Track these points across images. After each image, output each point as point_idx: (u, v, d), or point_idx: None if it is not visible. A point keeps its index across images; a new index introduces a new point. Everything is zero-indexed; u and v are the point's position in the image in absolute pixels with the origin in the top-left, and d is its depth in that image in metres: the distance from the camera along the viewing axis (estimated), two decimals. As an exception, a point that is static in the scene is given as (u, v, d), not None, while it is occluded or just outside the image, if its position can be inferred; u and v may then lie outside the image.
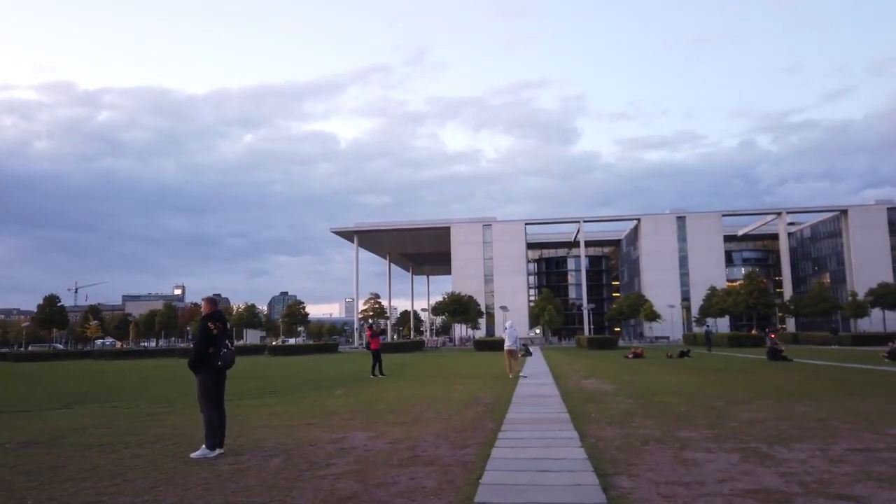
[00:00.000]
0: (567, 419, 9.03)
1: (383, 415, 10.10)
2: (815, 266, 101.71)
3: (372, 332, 20.66)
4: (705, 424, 8.23)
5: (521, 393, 13.46)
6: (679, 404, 10.61)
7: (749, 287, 71.66)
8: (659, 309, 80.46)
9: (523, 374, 19.05)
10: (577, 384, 15.56)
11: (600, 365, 25.00)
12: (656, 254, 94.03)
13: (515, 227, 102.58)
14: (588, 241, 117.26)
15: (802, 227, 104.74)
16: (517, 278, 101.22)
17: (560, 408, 10.50)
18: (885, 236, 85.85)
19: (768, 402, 10.71)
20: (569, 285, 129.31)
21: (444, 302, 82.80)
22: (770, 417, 8.75)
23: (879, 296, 72.01)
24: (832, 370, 18.89)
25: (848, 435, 7.13)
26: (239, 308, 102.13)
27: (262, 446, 7.34)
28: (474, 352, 49.18)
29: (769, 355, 25.55)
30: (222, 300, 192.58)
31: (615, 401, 11.41)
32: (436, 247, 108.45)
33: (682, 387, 14.12)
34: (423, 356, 41.85)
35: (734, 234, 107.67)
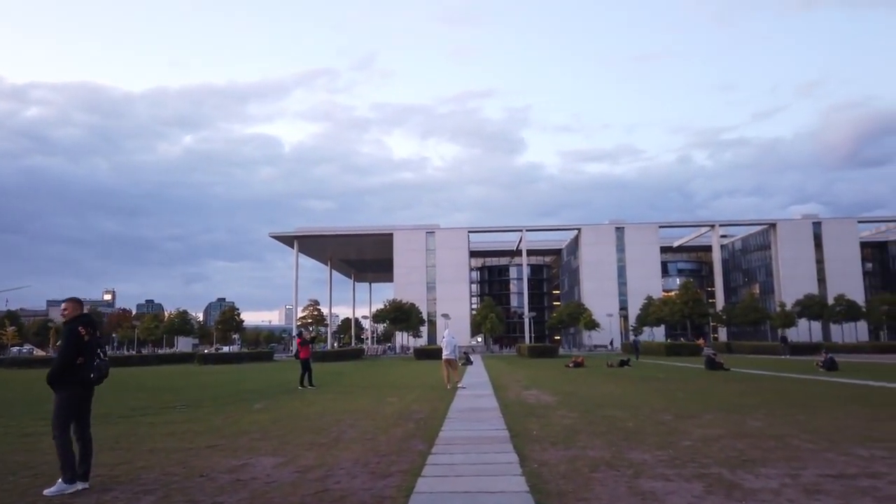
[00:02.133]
0: (506, 438, 8.08)
1: (300, 434, 8.91)
2: (745, 277, 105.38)
3: (301, 339, 19.25)
4: (657, 444, 7.43)
5: (457, 406, 12.48)
6: (626, 419, 9.84)
7: (684, 297, 73.29)
8: (597, 318, 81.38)
9: (462, 384, 18.10)
10: (517, 395, 14.71)
11: (541, 374, 24.35)
12: (596, 263, 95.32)
13: (458, 235, 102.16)
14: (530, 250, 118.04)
15: (734, 240, 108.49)
16: (460, 286, 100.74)
17: (499, 424, 9.56)
18: (810, 249, 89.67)
19: (717, 415, 10.08)
20: (511, 294, 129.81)
21: (385, 309, 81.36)
22: (724, 434, 8.05)
23: (806, 306, 74.93)
24: (771, 380, 18.74)
25: (814, 456, 6.43)
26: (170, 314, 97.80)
27: (140, 478, 6.06)
28: (415, 360, 48.05)
29: (707, 364, 25.52)
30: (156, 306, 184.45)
31: (558, 415, 10.56)
32: (379, 253, 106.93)
33: (626, 398, 13.46)
34: (361, 365, 40.44)
35: (670, 246, 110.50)
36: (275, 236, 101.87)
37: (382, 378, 23.81)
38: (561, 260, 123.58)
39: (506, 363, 38.04)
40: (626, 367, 28.17)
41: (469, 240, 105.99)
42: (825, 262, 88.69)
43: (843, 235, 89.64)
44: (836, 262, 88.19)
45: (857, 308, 74.05)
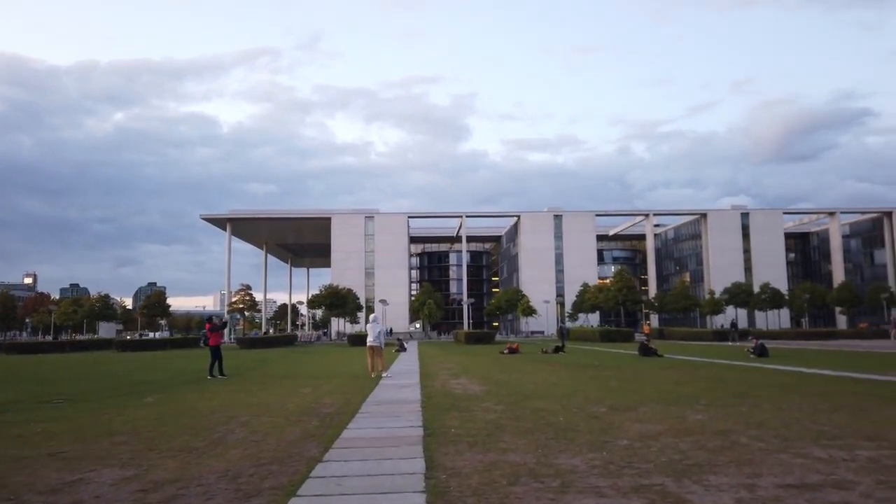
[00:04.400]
0: (418, 438, 6.94)
1: (176, 436, 7.50)
2: (677, 265, 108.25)
3: (211, 325, 17.55)
4: (590, 443, 6.44)
5: (375, 397, 11.29)
6: (556, 412, 8.87)
7: (618, 284, 74.28)
8: (535, 304, 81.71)
9: (388, 373, 16.93)
10: (444, 385, 13.63)
11: (474, 361, 23.44)
12: (534, 250, 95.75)
13: (398, 220, 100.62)
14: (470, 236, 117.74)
15: (667, 229, 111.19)
16: (399, 272, 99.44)
17: (415, 419, 8.41)
18: (738, 239, 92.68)
19: (655, 407, 9.25)
20: (450, 280, 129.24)
21: (320, 295, 79.28)
22: (664, 431, 7.15)
23: (733, 294, 77.32)
24: (706, 367, 18.37)
25: (767, 459, 5.55)
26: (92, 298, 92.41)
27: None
28: (348, 347, 46.55)
29: (640, 351, 25.22)
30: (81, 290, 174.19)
31: (483, 408, 9.51)
32: (317, 238, 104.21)
33: (559, 387, 12.58)
34: (290, 352, 38.68)
35: (606, 234, 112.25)
36: (207, 218, 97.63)
37: (306, 366, 22.36)
38: (501, 247, 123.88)
39: (441, 350, 37.10)
40: (560, 354, 27.64)
41: (409, 225, 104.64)
42: (752, 251, 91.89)
43: (768, 226, 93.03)
44: (762, 252, 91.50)
45: (780, 296, 76.92)
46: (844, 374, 14.69)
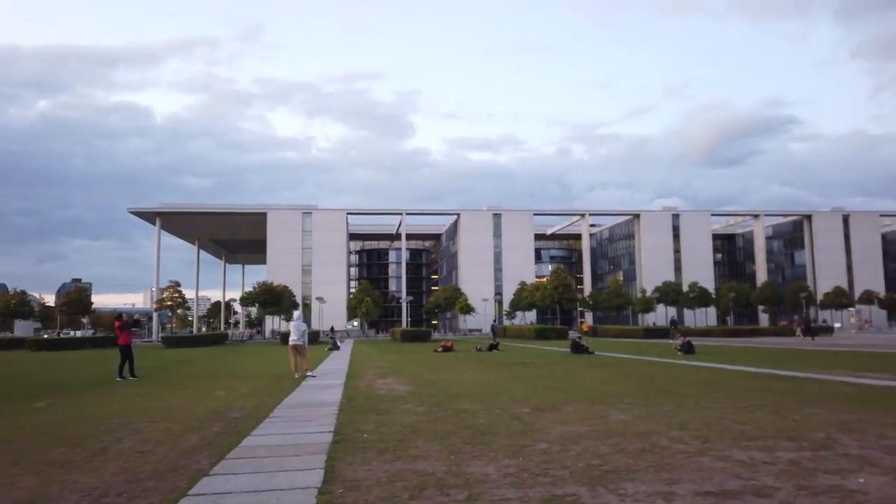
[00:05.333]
0: (325, 445, 6.39)
1: (53, 447, 6.69)
2: (611, 265, 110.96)
3: (121, 323, 16.36)
4: (507, 448, 6.06)
5: (293, 400, 10.64)
6: (478, 413, 8.49)
7: (554, 283, 75.39)
8: (473, 302, 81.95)
9: (313, 372, 16.24)
10: (369, 385, 13.08)
11: (407, 360, 22.96)
12: (473, 249, 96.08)
13: (337, 217, 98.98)
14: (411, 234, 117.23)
15: (602, 229, 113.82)
16: (337, 269, 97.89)
17: (328, 424, 7.85)
18: (669, 239, 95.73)
19: (580, 407, 9.00)
20: (390, 278, 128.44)
21: (254, 292, 77.02)
22: (586, 432, 6.86)
23: (663, 293, 79.75)
24: (634, 365, 18.49)
25: (686, 463, 5.29)
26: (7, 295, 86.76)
27: None
28: (280, 346, 45.18)
29: (573, 348, 25.34)
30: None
31: (403, 410, 9.03)
32: (252, 234, 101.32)
33: (486, 387, 12.24)
34: (217, 351, 37.16)
35: (544, 233, 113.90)
36: (135, 212, 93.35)
37: (228, 366, 21.33)
38: (441, 245, 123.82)
39: (375, 348, 36.46)
40: (494, 352, 27.51)
41: (348, 222, 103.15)
42: (682, 251, 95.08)
43: (697, 227, 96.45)
44: (691, 252, 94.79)
45: (707, 295, 79.84)
46: (766, 372, 14.98)
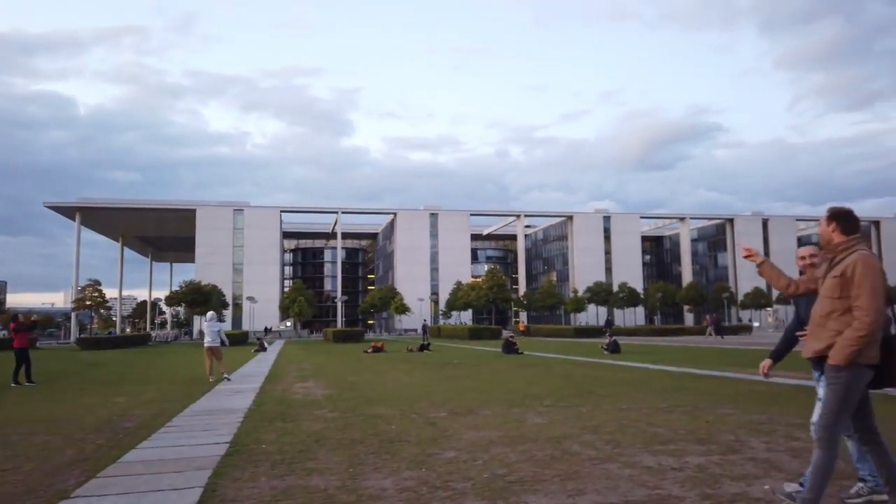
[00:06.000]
0: (215, 459, 5.85)
1: None
2: (545, 265, 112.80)
3: (16, 324, 15.09)
4: (413, 458, 5.70)
5: (198, 407, 9.96)
6: (392, 418, 8.11)
7: (490, 283, 75.89)
8: (409, 302, 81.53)
9: (230, 376, 15.44)
10: (285, 390, 12.49)
11: (334, 361, 22.33)
12: (410, 248, 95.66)
13: (270, 215, 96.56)
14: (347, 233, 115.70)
15: (537, 230, 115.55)
16: (269, 268, 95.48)
17: (227, 433, 7.28)
18: (601, 241, 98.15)
19: (498, 409, 8.75)
20: (325, 277, 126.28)
21: (180, 291, 74.00)
22: (498, 438, 6.58)
23: (595, 293, 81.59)
24: (560, 364, 18.54)
25: (594, 471, 5.07)
26: None
27: None
28: (205, 347, 43.44)
29: (504, 348, 25.34)
30: None
31: (314, 416, 8.55)
32: (181, 231, 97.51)
33: (408, 389, 11.88)
34: (135, 353, 35.34)
35: (480, 234, 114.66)
36: (52, 207, 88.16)
37: (141, 370, 20.13)
38: (377, 244, 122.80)
39: (305, 349, 35.51)
40: (425, 352, 27.20)
41: (281, 220, 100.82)
42: (612, 252, 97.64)
43: (627, 229, 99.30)
44: (621, 253, 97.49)
45: (636, 295, 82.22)
46: (686, 371, 15.24)
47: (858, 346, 3.37)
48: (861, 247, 3.55)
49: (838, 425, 3.49)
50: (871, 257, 3.49)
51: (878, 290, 3.39)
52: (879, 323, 3.38)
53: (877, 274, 3.42)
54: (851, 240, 3.59)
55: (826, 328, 3.55)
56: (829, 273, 3.61)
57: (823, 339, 3.55)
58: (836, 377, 3.45)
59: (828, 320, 3.55)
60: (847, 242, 3.59)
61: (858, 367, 3.43)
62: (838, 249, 3.61)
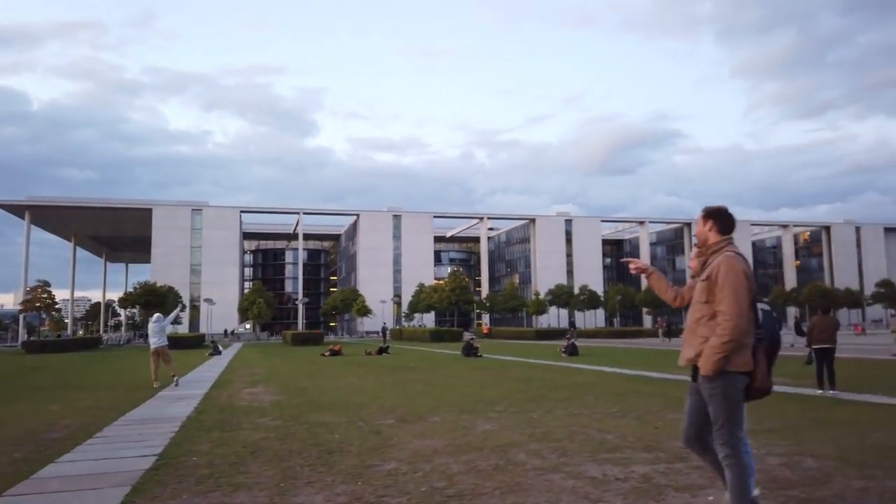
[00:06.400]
0: (139, 474, 5.47)
1: None
2: (508, 268, 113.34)
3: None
4: (350, 470, 5.42)
5: (135, 415, 9.47)
6: (337, 426, 7.80)
7: (452, 285, 75.77)
8: (372, 304, 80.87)
9: (178, 381, 14.85)
10: (232, 396, 12.03)
11: (289, 365, 21.81)
12: (373, 250, 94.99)
13: (230, 215, 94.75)
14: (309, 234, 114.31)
15: (500, 233, 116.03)
16: (229, 269, 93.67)
17: (158, 444, 6.87)
18: (562, 244, 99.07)
19: (448, 416, 8.53)
20: (286, 278, 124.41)
21: (134, 293, 71.94)
22: (443, 447, 6.35)
23: (556, 295, 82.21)
24: (517, 367, 18.45)
25: (537, 482, 4.88)
26: None
27: None
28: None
29: (464, 351, 25.17)
30: None
31: (255, 424, 8.18)
32: (136, 231, 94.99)
33: (360, 395, 11.56)
34: (83, 357, 34.02)
35: (444, 236, 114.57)
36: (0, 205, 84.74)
37: (85, 375, 19.29)
38: (339, 245, 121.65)
39: (261, 352, 34.74)
40: (384, 355, 26.85)
41: (241, 220, 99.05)
42: (574, 255, 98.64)
43: (588, 232, 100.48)
44: (583, 256, 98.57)
45: (597, 297, 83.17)
46: (640, 374, 15.28)
47: (724, 353, 3.16)
48: (729, 248, 3.37)
49: (736, 434, 3.28)
50: (734, 258, 3.30)
51: (741, 293, 3.19)
52: (745, 327, 3.18)
53: (739, 276, 3.23)
54: (723, 240, 3.41)
55: (696, 334, 3.34)
56: (699, 276, 3.42)
57: (694, 346, 3.34)
58: (712, 388, 3.24)
59: (698, 326, 3.34)
60: (719, 243, 3.41)
61: (730, 374, 3.22)
62: (710, 251, 3.42)
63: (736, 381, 3.24)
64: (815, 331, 10.81)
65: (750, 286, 3.27)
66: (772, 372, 3.40)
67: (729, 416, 3.25)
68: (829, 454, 5.68)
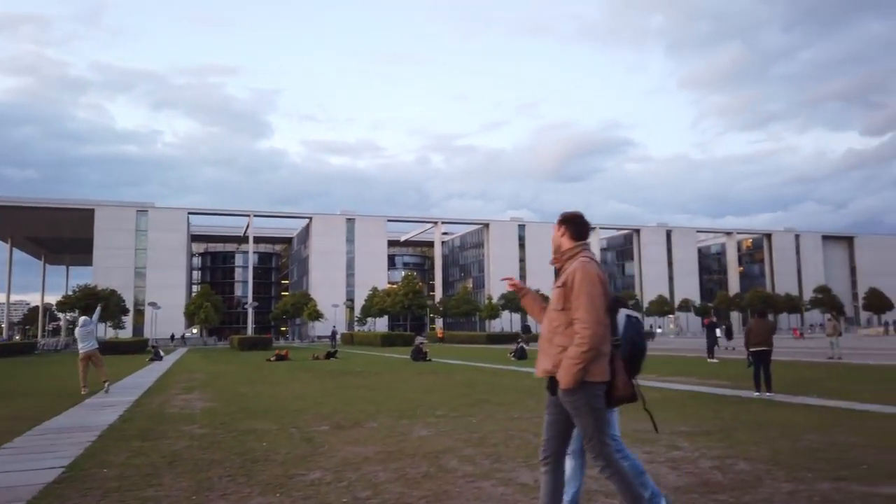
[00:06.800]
0: (38, 488, 5.04)
1: None
2: (462, 272, 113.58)
3: None
4: (271, 481, 5.12)
5: (53, 424, 8.88)
6: (266, 434, 7.45)
7: (406, 289, 75.42)
8: (324, 308, 79.77)
9: (113, 386, 14.15)
10: (164, 402, 11.48)
11: (231, 370, 21.13)
12: (325, 253, 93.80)
13: (177, 216, 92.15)
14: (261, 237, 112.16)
15: (454, 237, 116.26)
16: (175, 272, 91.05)
17: (69, 455, 6.40)
18: (516, 248, 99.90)
19: (386, 421, 8.27)
20: (236, 282, 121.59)
21: (73, 296, 69.10)
22: (374, 454, 6.10)
23: (509, 300, 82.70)
24: (463, 371, 18.30)
25: (465, 490, 4.69)
26: None
27: None
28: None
29: (413, 355, 24.93)
30: None
31: (181, 433, 7.75)
32: (78, 232, 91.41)
33: (299, 401, 11.19)
34: (11, 364, 32.29)
35: (398, 240, 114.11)
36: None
37: (8, 382, 18.22)
38: (291, 249, 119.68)
39: (206, 358, 33.67)
40: (332, 360, 26.34)
41: (189, 222, 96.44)
42: (527, 260, 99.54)
43: (541, 237, 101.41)
44: (535, 261, 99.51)
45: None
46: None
47: (583, 363, 3.02)
48: (584, 254, 3.27)
49: (607, 445, 3.16)
50: (589, 264, 3.19)
51: (597, 300, 3.08)
52: (602, 335, 3.07)
53: (595, 282, 3.12)
54: (577, 246, 3.30)
55: (553, 343, 3.19)
56: (555, 283, 3.31)
57: (551, 357, 3.18)
58: (573, 401, 3.09)
59: (554, 335, 3.20)
60: (573, 249, 3.30)
61: (590, 385, 3.08)
62: (564, 257, 3.32)
63: (596, 391, 3.11)
64: (751, 334, 10.98)
65: (605, 292, 3.17)
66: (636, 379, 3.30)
67: (597, 427, 3.12)
68: (761, 457, 5.68)
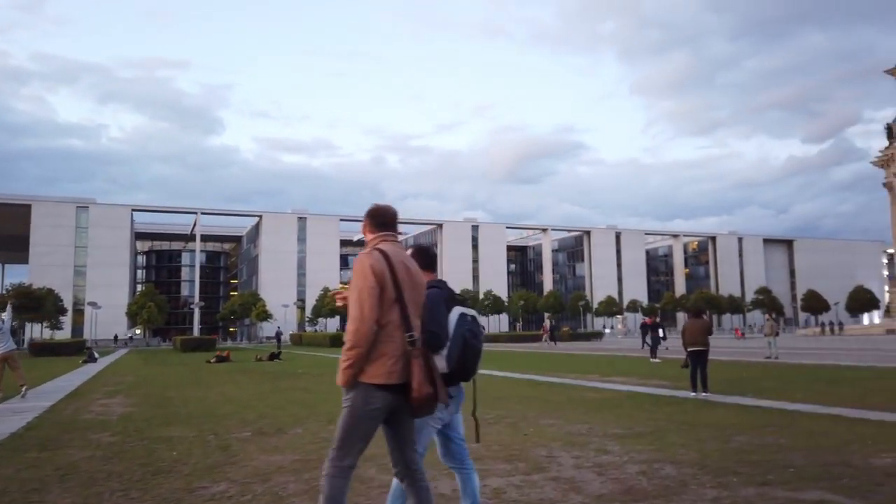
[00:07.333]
0: None
1: None
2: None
3: None
4: (170, 494, 4.70)
5: (-52, 433, 8.17)
6: (181, 441, 6.98)
7: (358, 289, 74.69)
8: (274, 309, 78.20)
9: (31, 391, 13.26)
10: (82, 408, 10.78)
11: (167, 373, 20.27)
12: (276, 252, 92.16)
13: (120, 213, 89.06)
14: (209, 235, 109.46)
15: (408, 237, 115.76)
16: (118, 271, 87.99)
17: (-47, 469, 5.82)
18: (469, 249, 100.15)
19: (314, 427, 7.88)
20: (182, 281, 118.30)
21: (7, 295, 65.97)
22: (289, 464, 5.73)
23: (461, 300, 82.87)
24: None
25: (378, 501, 4.38)
26: None
27: None
28: (29, 357, 38.50)
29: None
30: None
31: (87, 441, 7.20)
32: (13, 229, 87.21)
33: (228, 405, 10.66)
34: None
35: (351, 240, 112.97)
36: None
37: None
38: (241, 248, 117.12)
39: (145, 359, 32.40)
40: (275, 361, 25.64)
41: (133, 220, 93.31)
42: (479, 261, 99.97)
43: (494, 239, 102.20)
44: (488, 262, 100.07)
45: (500, 302, 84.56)
46: (528, 377, 15.22)
47: (349, 360, 2.80)
48: (377, 245, 3.04)
49: (346, 455, 2.87)
50: (368, 255, 2.95)
51: (363, 295, 2.82)
52: (367, 332, 2.80)
53: (366, 275, 2.86)
54: (374, 238, 3.10)
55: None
56: None
57: None
58: (346, 398, 2.88)
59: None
60: (370, 242, 3.10)
61: (364, 387, 2.83)
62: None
63: (370, 396, 2.83)
64: (686, 334, 10.98)
65: (381, 284, 2.87)
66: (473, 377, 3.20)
67: (347, 433, 2.86)
68: (689, 460, 5.55)
